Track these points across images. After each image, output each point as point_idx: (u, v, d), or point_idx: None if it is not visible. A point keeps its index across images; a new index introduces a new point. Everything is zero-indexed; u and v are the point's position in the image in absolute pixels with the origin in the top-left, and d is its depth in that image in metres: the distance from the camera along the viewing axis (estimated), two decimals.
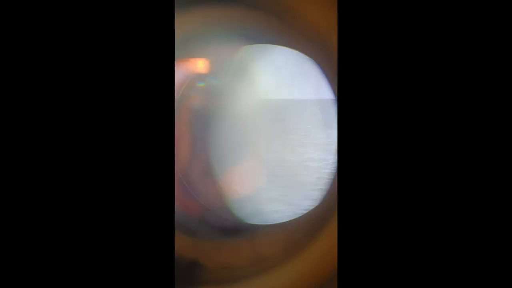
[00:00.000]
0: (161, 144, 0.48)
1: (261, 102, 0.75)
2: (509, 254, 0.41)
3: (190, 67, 0.84)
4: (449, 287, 0.42)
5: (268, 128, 0.74)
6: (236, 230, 0.73)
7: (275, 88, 0.75)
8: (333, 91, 0.61)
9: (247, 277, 0.62)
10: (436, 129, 0.43)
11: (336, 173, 0.59)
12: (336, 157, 0.61)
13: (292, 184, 0.71)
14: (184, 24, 0.68)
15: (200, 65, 0.84)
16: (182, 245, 0.67)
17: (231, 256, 0.67)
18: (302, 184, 0.71)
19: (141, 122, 0.48)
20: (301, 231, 0.62)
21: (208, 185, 0.83)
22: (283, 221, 0.66)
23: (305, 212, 0.64)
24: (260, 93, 0.76)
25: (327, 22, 0.58)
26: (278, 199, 0.71)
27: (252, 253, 0.66)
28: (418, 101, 0.44)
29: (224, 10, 0.69)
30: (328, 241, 0.57)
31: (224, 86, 0.79)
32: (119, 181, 0.47)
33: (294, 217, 0.65)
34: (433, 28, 0.43)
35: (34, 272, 0.46)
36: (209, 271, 0.66)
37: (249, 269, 0.63)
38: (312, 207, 0.64)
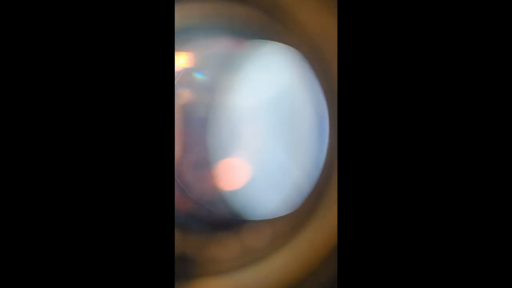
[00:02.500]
0: (160, 141, 0.48)
1: (255, 98, 0.76)
2: (509, 254, 0.41)
3: (183, 61, 0.84)
4: (447, 278, 0.43)
5: (261, 123, 0.75)
6: (225, 224, 0.73)
7: (270, 85, 0.75)
8: (326, 90, 0.61)
9: (235, 269, 0.63)
10: (436, 129, 0.43)
11: (328, 168, 0.60)
12: (328, 153, 0.62)
13: (284, 180, 0.72)
14: (177, 18, 0.67)
15: (192, 59, 0.84)
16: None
17: (220, 249, 0.67)
18: (294, 180, 0.71)
19: (140, 119, 0.47)
20: (290, 223, 0.62)
21: (200, 179, 0.83)
22: (275, 216, 0.67)
23: (296, 207, 0.65)
24: (254, 89, 0.76)
25: (327, 22, 0.58)
26: (270, 194, 0.72)
27: (240, 246, 0.66)
28: (418, 101, 0.44)
29: (219, 6, 0.69)
30: (317, 232, 0.58)
31: (218, 81, 0.80)
32: (117, 179, 0.47)
33: (286, 213, 0.65)
34: (433, 28, 0.43)
35: (34, 272, 0.45)
36: (197, 264, 0.67)
37: (237, 262, 0.63)
38: (303, 202, 0.64)
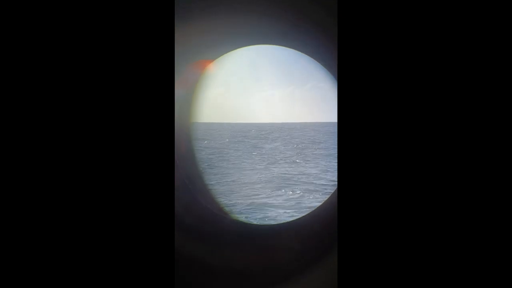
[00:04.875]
0: (161, 145, 0.47)
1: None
2: (509, 254, 0.41)
3: (201, 69, 0.88)
4: None
5: (266, 142, 0.78)
6: (246, 234, 0.72)
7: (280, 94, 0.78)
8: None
9: (260, 283, 0.61)
10: (438, 131, 0.42)
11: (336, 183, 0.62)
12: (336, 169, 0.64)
13: (291, 192, 0.74)
14: (198, 32, 0.70)
15: (210, 67, 0.89)
16: (196, 251, 0.67)
17: (244, 262, 0.65)
18: (300, 192, 0.73)
19: (142, 123, 0.47)
20: (320, 240, 0.60)
21: (210, 193, 0.85)
22: (286, 221, 0.67)
23: (305, 214, 0.66)
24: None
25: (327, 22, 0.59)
26: (278, 205, 0.74)
27: (264, 259, 0.65)
28: (419, 102, 0.43)
29: (232, 18, 0.71)
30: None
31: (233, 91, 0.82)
32: (120, 183, 0.47)
33: (294, 218, 0.66)
34: (433, 27, 0.43)
35: (34, 272, 0.45)
36: (222, 277, 0.65)
37: (262, 276, 0.62)
38: (312, 210, 0.66)
